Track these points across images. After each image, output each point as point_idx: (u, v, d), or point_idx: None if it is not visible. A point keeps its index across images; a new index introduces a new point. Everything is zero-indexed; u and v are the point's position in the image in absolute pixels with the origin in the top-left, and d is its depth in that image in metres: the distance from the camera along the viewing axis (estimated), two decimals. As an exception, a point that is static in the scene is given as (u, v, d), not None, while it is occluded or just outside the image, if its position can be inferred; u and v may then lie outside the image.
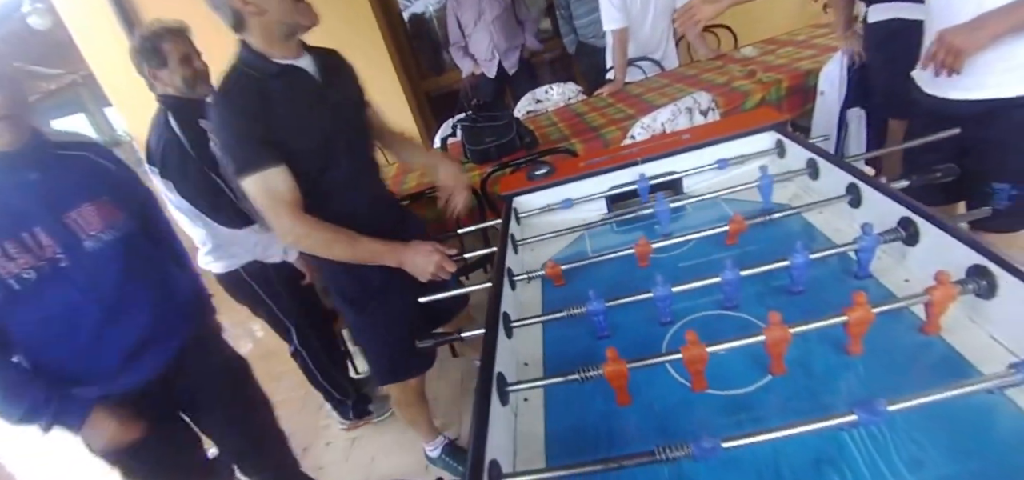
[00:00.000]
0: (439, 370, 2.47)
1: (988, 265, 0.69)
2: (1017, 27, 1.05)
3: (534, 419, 0.81)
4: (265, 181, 1.18)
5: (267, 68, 1.21)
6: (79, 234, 1.15)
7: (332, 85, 1.31)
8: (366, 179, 1.42)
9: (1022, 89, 1.14)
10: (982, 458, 0.58)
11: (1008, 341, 0.69)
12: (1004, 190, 1.23)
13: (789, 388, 0.73)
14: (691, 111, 1.86)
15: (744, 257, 0.97)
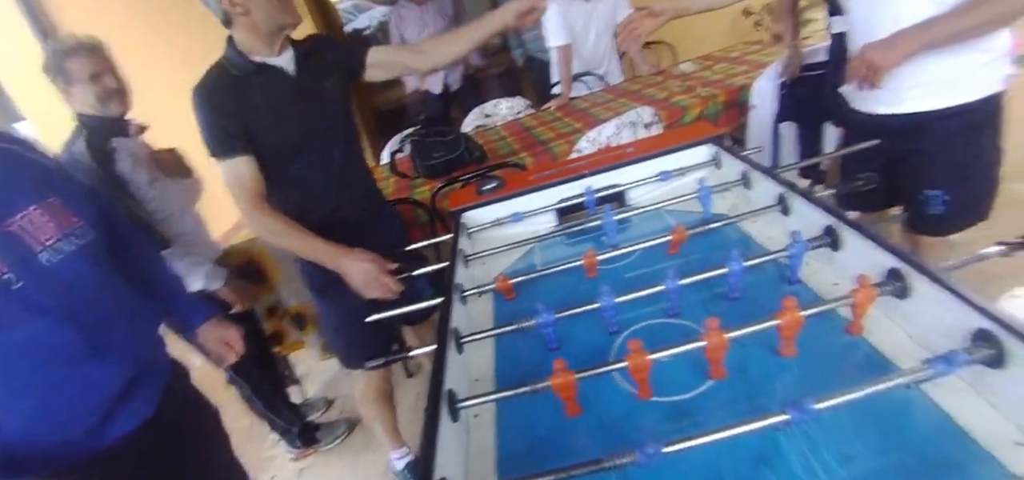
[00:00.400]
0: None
1: (903, 268, 0.75)
2: (930, 44, 1.14)
3: (486, 435, 0.81)
4: (233, 168, 1.30)
5: (245, 66, 1.32)
6: (30, 245, 0.92)
7: (308, 79, 1.39)
8: (340, 170, 1.47)
9: (940, 103, 1.25)
10: (904, 451, 0.62)
11: (921, 338, 0.74)
12: (937, 196, 1.33)
13: (729, 392, 0.76)
14: (635, 125, 1.93)
15: (686, 266, 1.01)
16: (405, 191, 2.25)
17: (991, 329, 0.62)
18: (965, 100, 1.22)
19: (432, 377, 0.78)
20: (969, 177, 1.31)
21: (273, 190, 1.39)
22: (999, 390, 0.62)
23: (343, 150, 1.47)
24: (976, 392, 0.65)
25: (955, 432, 0.62)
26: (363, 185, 1.58)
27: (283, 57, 1.36)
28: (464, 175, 2.09)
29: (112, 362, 0.99)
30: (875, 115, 1.35)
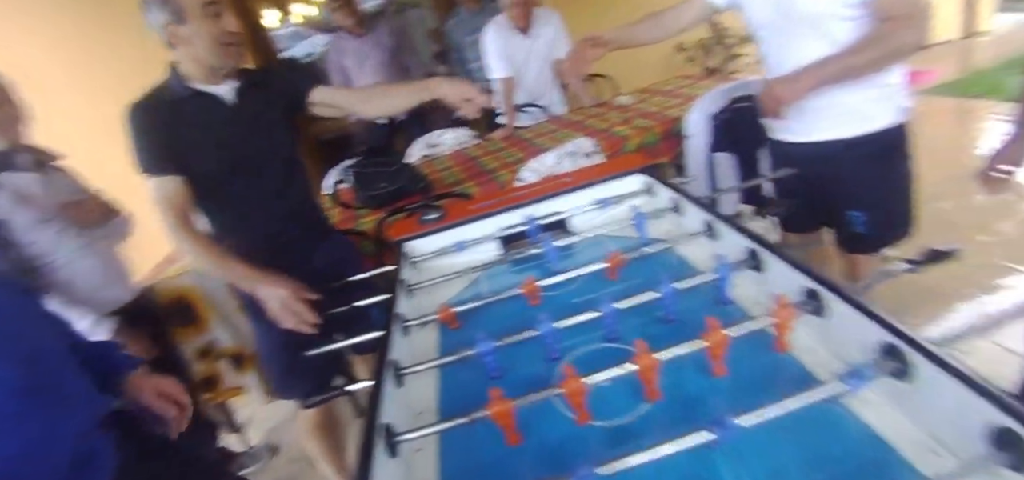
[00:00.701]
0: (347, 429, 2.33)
1: (817, 287, 0.80)
2: (827, 79, 1.27)
3: (428, 469, 0.80)
4: (161, 186, 1.31)
5: (182, 91, 1.35)
6: None
7: (247, 109, 1.42)
8: (279, 197, 1.48)
9: (847, 133, 1.37)
10: (831, 464, 0.65)
11: (840, 354, 0.79)
12: (858, 217, 1.45)
13: (665, 413, 0.78)
14: (575, 155, 1.99)
15: (627, 290, 1.04)
16: (350, 222, 2.21)
17: (895, 343, 0.67)
18: (867, 130, 1.35)
19: (367, 411, 0.76)
20: (883, 198, 1.44)
21: (211, 213, 1.44)
22: (911, 401, 0.67)
23: (283, 177, 1.48)
24: (893, 404, 0.69)
25: (876, 443, 0.66)
26: (307, 212, 1.58)
27: (223, 86, 1.40)
28: (408, 205, 2.08)
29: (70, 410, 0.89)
30: (794, 143, 1.46)
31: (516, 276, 1.31)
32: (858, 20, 1.25)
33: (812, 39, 1.29)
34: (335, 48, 3.52)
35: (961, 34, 6.22)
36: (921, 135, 1.48)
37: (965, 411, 0.58)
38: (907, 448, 0.64)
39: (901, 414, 0.68)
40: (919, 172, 1.49)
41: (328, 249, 1.61)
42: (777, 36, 1.39)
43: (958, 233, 2.62)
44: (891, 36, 1.20)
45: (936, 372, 0.62)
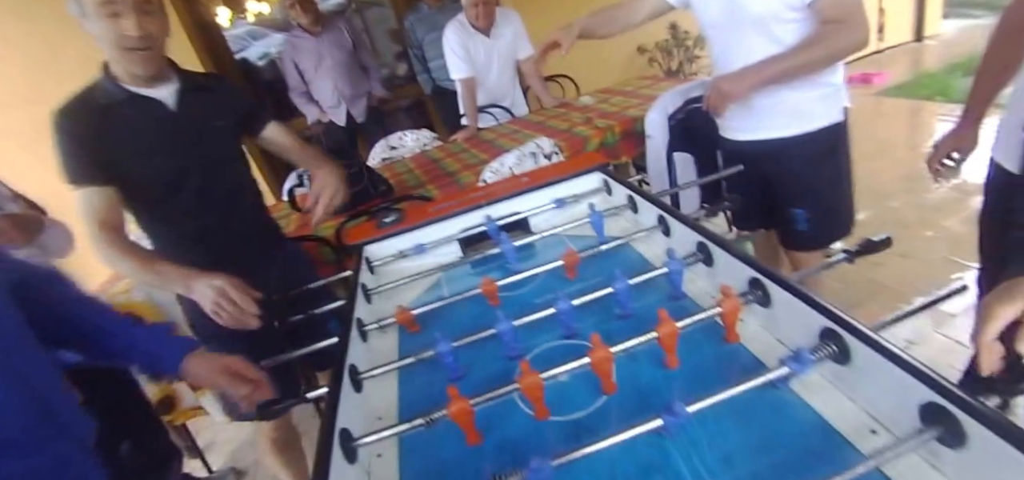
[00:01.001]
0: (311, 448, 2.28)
1: (760, 278, 0.84)
2: (770, 79, 1.33)
3: (388, 474, 0.79)
4: (86, 198, 1.24)
5: (117, 94, 1.26)
6: None
7: (190, 115, 1.34)
8: (226, 209, 1.41)
9: (791, 131, 1.44)
10: (778, 447, 0.68)
11: (787, 341, 0.83)
12: (801, 214, 1.53)
13: (622, 405, 0.80)
14: (536, 155, 2.01)
15: (585, 288, 1.06)
16: (308, 228, 2.16)
17: (833, 328, 0.71)
18: (809, 129, 1.43)
19: (324, 417, 0.76)
20: (825, 195, 1.51)
21: (151, 230, 1.38)
22: (851, 383, 0.71)
23: (230, 188, 1.42)
24: (835, 388, 0.73)
25: (820, 425, 0.69)
26: (257, 224, 1.53)
27: (162, 90, 1.30)
28: (368, 209, 2.06)
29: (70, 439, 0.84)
30: (738, 141, 1.52)
31: (476, 278, 1.32)
32: (801, 22, 1.32)
33: (758, 40, 1.36)
34: (291, 46, 3.45)
35: (912, 37, 6.57)
36: (873, 135, 1.57)
37: (899, 390, 0.62)
38: (848, 429, 0.68)
39: (843, 397, 0.72)
40: (872, 170, 1.58)
41: (281, 261, 1.56)
42: (726, 36, 1.45)
43: (906, 230, 2.77)
44: (831, 37, 1.27)
45: (872, 355, 0.66)
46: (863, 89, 5.22)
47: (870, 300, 2.32)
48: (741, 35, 1.39)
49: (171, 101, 1.31)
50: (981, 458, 0.55)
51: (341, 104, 3.57)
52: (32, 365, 0.83)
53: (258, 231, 1.53)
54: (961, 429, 0.56)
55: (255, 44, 4.48)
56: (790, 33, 1.33)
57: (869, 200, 3.11)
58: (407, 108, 4.61)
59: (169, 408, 2.02)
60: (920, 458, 0.61)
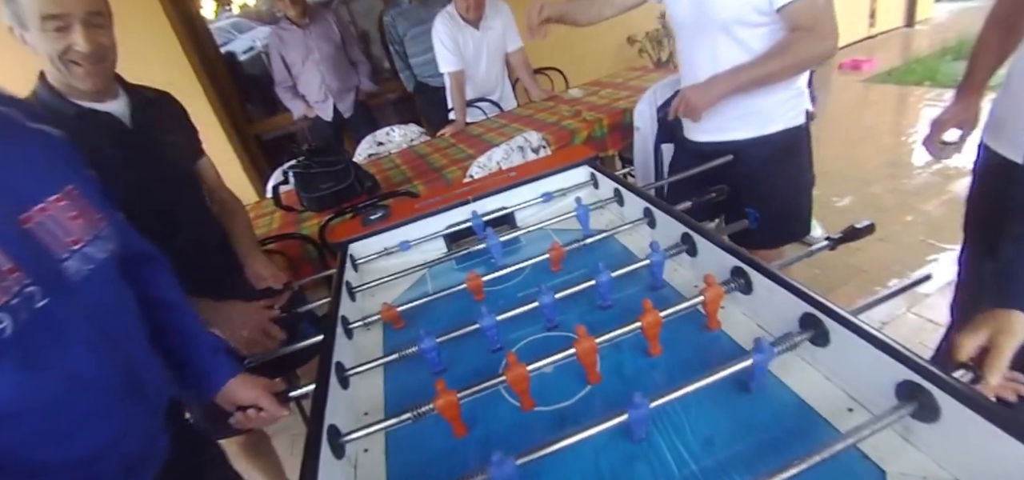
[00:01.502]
0: (292, 445, 2.29)
1: (742, 266, 0.87)
2: (738, 88, 1.36)
3: (375, 469, 0.81)
4: None
5: (64, 110, 1.12)
6: (53, 249, 0.72)
7: (147, 130, 1.24)
8: (186, 228, 1.33)
9: (752, 132, 1.47)
10: (758, 428, 0.70)
11: (767, 326, 0.86)
12: (752, 213, 1.46)
13: (606, 394, 0.82)
14: (523, 149, 2.02)
15: (569, 281, 1.08)
16: (292, 226, 2.17)
17: (812, 312, 0.74)
18: (769, 131, 1.46)
19: (311, 414, 0.77)
20: (778, 198, 1.54)
21: None
22: (829, 364, 0.74)
23: (192, 206, 1.38)
24: (814, 368, 0.76)
25: (799, 406, 0.72)
26: (211, 242, 1.45)
27: (114, 103, 1.19)
28: (354, 206, 2.07)
29: (146, 404, 0.83)
30: (700, 142, 1.57)
31: (461, 273, 1.33)
32: (769, 27, 1.33)
33: (725, 43, 1.38)
34: (278, 39, 3.41)
35: (903, 22, 6.64)
36: (859, 122, 1.61)
37: (876, 369, 0.65)
38: (826, 408, 0.70)
39: (820, 377, 0.75)
40: (855, 157, 1.61)
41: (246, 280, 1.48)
42: (693, 37, 1.47)
43: (886, 214, 2.83)
44: (799, 46, 1.29)
45: (850, 336, 0.68)
46: (852, 76, 5.28)
47: (847, 283, 2.37)
48: (709, 37, 1.41)
49: (126, 117, 1.21)
50: (954, 431, 0.58)
51: (328, 99, 3.55)
52: (127, 334, 0.83)
53: (212, 250, 1.45)
54: (935, 404, 0.58)
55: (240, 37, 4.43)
56: (757, 38, 1.35)
57: (850, 186, 3.17)
58: (395, 102, 4.59)
59: None
60: (894, 432, 0.64)
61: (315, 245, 2.02)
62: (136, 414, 0.81)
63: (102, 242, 0.80)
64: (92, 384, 0.74)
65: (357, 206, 2.04)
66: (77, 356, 0.72)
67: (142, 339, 0.88)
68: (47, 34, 1.04)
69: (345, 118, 3.66)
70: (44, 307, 0.68)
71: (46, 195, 0.74)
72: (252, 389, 1.02)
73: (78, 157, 0.88)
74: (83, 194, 0.81)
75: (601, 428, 0.66)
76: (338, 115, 3.62)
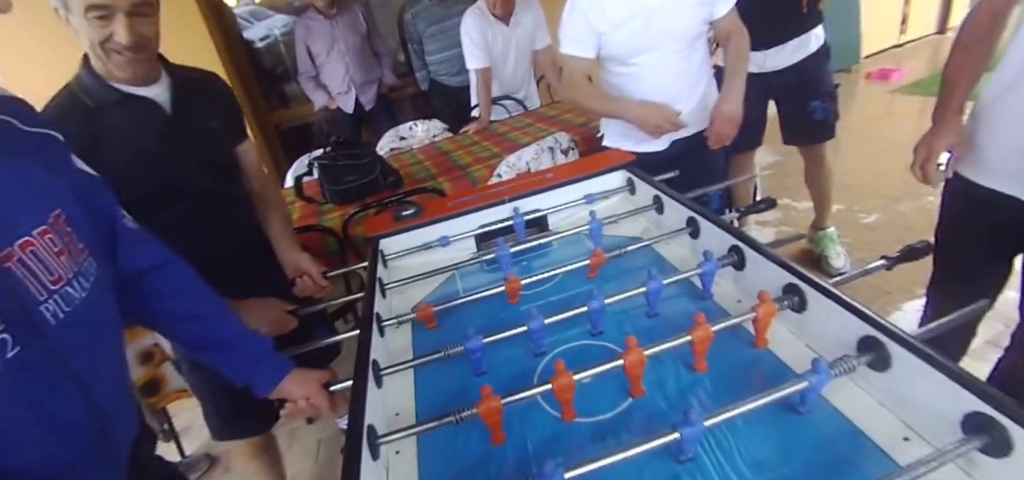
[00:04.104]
0: (292, 437, 2.30)
1: (798, 283, 0.85)
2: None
3: (407, 472, 0.80)
4: None
5: (105, 95, 1.13)
6: (33, 292, 0.67)
7: (186, 116, 1.24)
8: (221, 217, 1.34)
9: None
10: (809, 453, 0.69)
11: (818, 348, 0.84)
12: (818, 105, 2.21)
13: (648, 408, 0.81)
14: (553, 150, 2.02)
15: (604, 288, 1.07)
16: (312, 217, 2.18)
17: (874, 335, 0.72)
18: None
19: (351, 413, 0.76)
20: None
21: None
22: (886, 391, 0.72)
23: (230, 196, 1.38)
24: (868, 394, 0.74)
25: (852, 432, 0.70)
26: (251, 230, 1.46)
27: (155, 87, 1.20)
28: (379, 200, 2.07)
29: (110, 449, 0.79)
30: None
31: (491, 275, 1.33)
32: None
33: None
34: (304, 28, 3.43)
35: (935, 30, 6.53)
36: (883, 135, 1.61)
37: (939, 398, 0.63)
38: (881, 437, 0.69)
39: (875, 403, 0.73)
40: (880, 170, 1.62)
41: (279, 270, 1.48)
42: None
43: (914, 235, 2.75)
44: (744, 45, 1.65)
45: (913, 362, 0.67)
46: (880, 86, 5.19)
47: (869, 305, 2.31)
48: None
49: (165, 102, 1.22)
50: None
51: (351, 90, 3.56)
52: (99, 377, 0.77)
53: (257, 241, 1.46)
54: (1008, 438, 0.56)
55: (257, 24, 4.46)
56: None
57: (877, 203, 3.10)
58: (413, 97, 4.60)
59: (154, 391, 2.03)
60: (956, 466, 0.62)
61: (337, 239, 2.03)
62: (99, 461, 0.77)
63: (83, 278, 0.74)
64: (60, 432, 0.70)
65: (382, 201, 2.04)
66: (48, 407, 0.69)
67: (118, 383, 0.84)
68: (90, 21, 1.06)
69: (366, 111, 3.67)
70: (16, 356, 0.64)
71: (32, 227, 0.69)
72: (305, 386, 1.03)
73: (70, 165, 0.84)
74: (70, 220, 0.75)
75: (653, 445, 0.65)
76: (359, 107, 3.63)
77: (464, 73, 3.17)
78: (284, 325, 1.27)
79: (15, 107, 0.76)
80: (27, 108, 0.79)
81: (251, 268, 1.38)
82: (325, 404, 1.03)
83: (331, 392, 1.02)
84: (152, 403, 2.04)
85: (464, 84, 3.26)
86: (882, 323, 0.71)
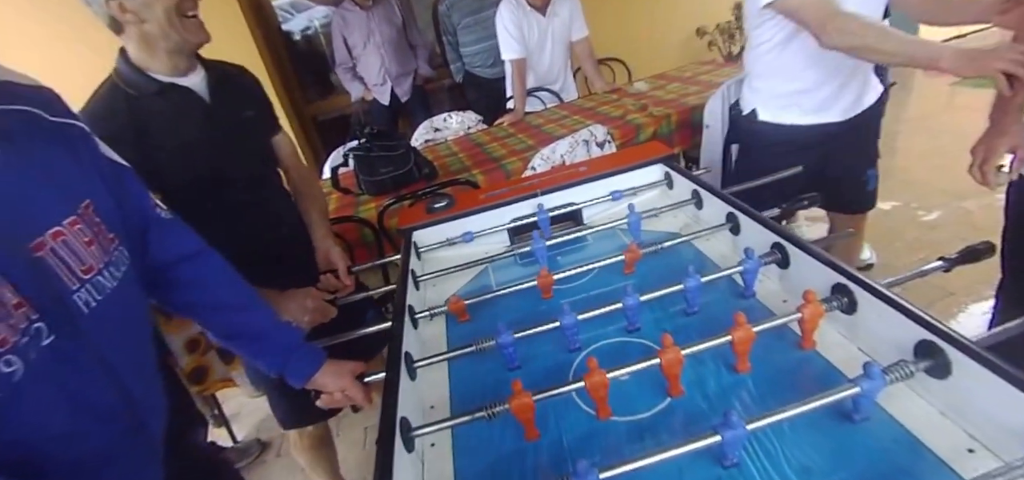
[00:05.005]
0: (338, 426, 2.36)
1: (847, 284, 0.82)
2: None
3: (442, 465, 0.81)
4: None
5: (146, 85, 1.15)
6: (65, 280, 0.68)
7: (223, 105, 1.27)
8: (260, 204, 1.37)
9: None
10: (862, 462, 0.66)
11: (871, 351, 0.81)
12: (873, 174, 1.80)
13: (687, 409, 0.80)
14: (588, 143, 1.99)
15: (641, 284, 1.05)
16: (349, 208, 2.22)
17: (932, 340, 0.68)
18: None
19: (383, 405, 0.77)
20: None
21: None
22: (947, 399, 0.68)
23: (269, 185, 1.41)
24: (927, 402, 0.71)
25: (910, 442, 0.67)
26: (294, 220, 1.48)
27: (193, 77, 1.23)
28: (413, 192, 2.09)
29: (146, 440, 0.81)
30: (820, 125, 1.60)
31: (524, 269, 1.32)
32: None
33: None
34: (340, 19, 3.48)
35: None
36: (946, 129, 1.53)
37: (1007, 409, 0.60)
38: (943, 448, 0.65)
39: (936, 413, 0.70)
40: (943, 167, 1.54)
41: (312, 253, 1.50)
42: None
43: (980, 235, 2.61)
44: None
45: (977, 370, 0.63)
46: (939, 79, 4.93)
47: (932, 305, 2.22)
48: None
49: (203, 91, 1.24)
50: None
51: (386, 82, 3.61)
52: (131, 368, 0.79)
53: (299, 230, 1.48)
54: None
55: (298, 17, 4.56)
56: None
57: (940, 200, 2.96)
58: (449, 88, 4.63)
59: (201, 378, 2.10)
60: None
61: (373, 230, 2.06)
62: (133, 444, 0.78)
63: (114, 268, 0.75)
64: (94, 418, 0.72)
65: (417, 193, 2.06)
66: (83, 393, 0.70)
67: (147, 370, 0.85)
68: None
69: (401, 102, 3.71)
70: (51, 344, 0.65)
71: (62, 217, 0.69)
72: (339, 378, 1.04)
73: (98, 154, 0.83)
74: (98, 209, 0.75)
75: (691, 447, 0.63)
76: (395, 99, 3.67)
77: (499, 65, 3.15)
78: (325, 314, 1.29)
79: (41, 97, 0.75)
80: (53, 97, 0.78)
81: (294, 256, 1.42)
82: (359, 395, 1.04)
83: (366, 384, 1.04)
84: (199, 390, 2.11)
85: (499, 76, 3.25)
86: (941, 327, 0.67)
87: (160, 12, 1.10)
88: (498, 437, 0.82)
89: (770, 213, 1.11)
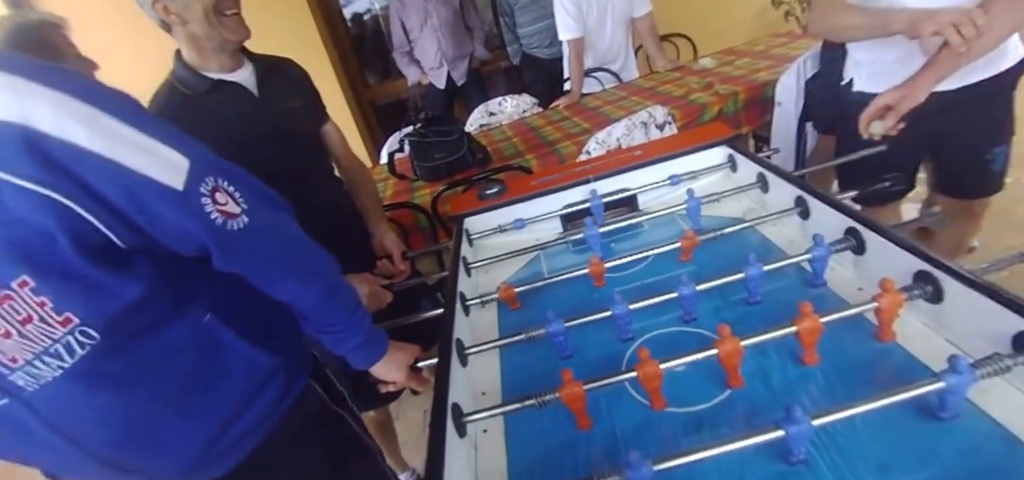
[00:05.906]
0: (398, 409, 2.43)
1: (932, 271, 0.76)
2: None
3: (496, 452, 0.82)
4: None
5: (198, 84, 1.22)
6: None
7: (272, 98, 1.32)
8: (311, 194, 1.39)
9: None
10: (948, 459, 0.62)
11: (960, 343, 0.75)
12: (1001, 151, 1.51)
13: (748, 401, 0.77)
14: (647, 125, 1.95)
15: (700, 272, 1.03)
16: (404, 194, 2.27)
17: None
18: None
19: (435, 390, 0.79)
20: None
21: None
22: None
23: (321, 174, 1.45)
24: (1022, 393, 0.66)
25: (1007, 439, 0.62)
26: (347, 208, 1.53)
27: (241, 72, 1.29)
28: (467, 178, 2.12)
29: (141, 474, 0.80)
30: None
31: (578, 256, 1.31)
32: None
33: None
34: (399, 3, 3.54)
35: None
36: None
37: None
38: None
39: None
40: None
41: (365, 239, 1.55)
42: None
43: None
44: None
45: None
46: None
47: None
48: None
49: (252, 85, 1.30)
50: None
51: (442, 66, 3.65)
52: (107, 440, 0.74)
53: (342, 217, 1.52)
54: None
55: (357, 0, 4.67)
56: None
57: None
58: (505, 71, 4.62)
59: None
60: None
61: (427, 216, 2.10)
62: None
63: (52, 359, 0.64)
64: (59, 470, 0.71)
65: (470, 179, 2.08)
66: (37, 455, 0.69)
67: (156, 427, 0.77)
68: None
69: (457, 86, 3.74)
70: (3, 406, 0.64)
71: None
72: (398, 372, 1.05)
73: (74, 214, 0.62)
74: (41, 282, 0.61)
75: (752, 442, 0.61)
76: (451, 83, 3.71)
77: (557, 44, 3.12)
78: (380, 300, 1.33)
79: None
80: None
81: (350, 243, 1.46)
82: (416, 381, 1.07)
83: (420, 369, 1.06)
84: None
85: (556, 56, 3.21)
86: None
87: (199, 12, 1.15)
88: (550, 425, 0.82)
89: (848, 195, 1.05)
